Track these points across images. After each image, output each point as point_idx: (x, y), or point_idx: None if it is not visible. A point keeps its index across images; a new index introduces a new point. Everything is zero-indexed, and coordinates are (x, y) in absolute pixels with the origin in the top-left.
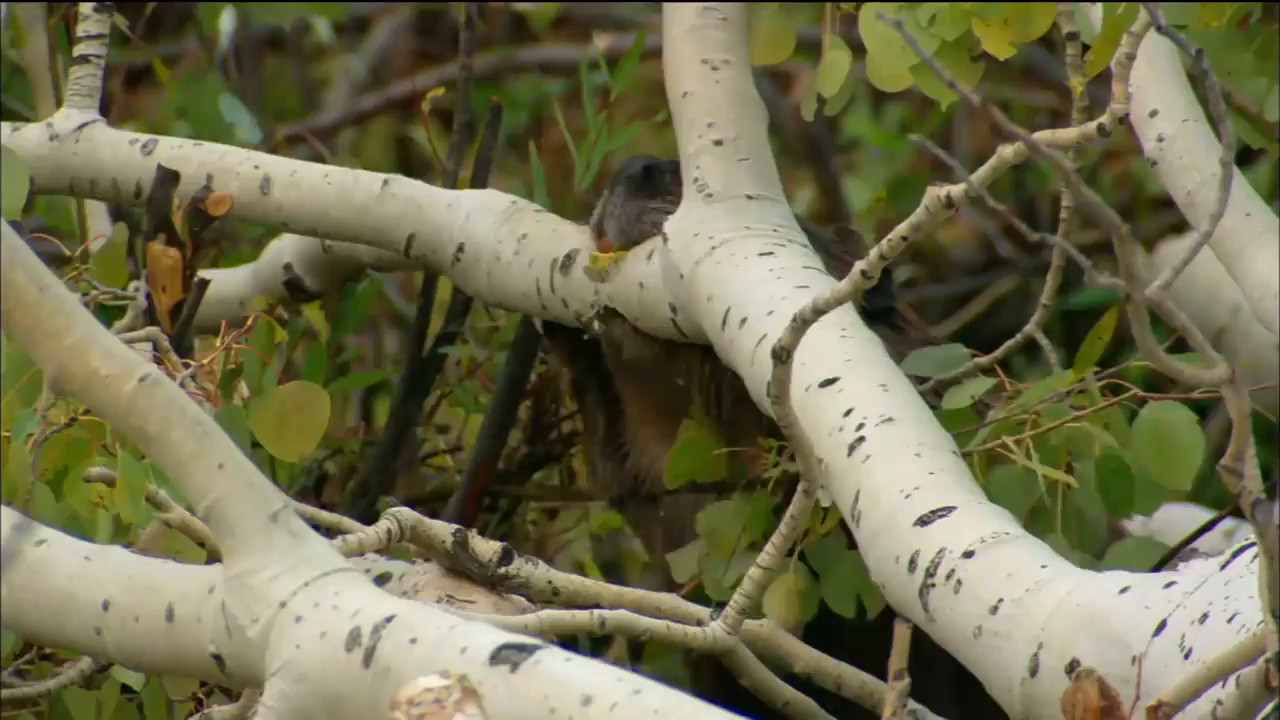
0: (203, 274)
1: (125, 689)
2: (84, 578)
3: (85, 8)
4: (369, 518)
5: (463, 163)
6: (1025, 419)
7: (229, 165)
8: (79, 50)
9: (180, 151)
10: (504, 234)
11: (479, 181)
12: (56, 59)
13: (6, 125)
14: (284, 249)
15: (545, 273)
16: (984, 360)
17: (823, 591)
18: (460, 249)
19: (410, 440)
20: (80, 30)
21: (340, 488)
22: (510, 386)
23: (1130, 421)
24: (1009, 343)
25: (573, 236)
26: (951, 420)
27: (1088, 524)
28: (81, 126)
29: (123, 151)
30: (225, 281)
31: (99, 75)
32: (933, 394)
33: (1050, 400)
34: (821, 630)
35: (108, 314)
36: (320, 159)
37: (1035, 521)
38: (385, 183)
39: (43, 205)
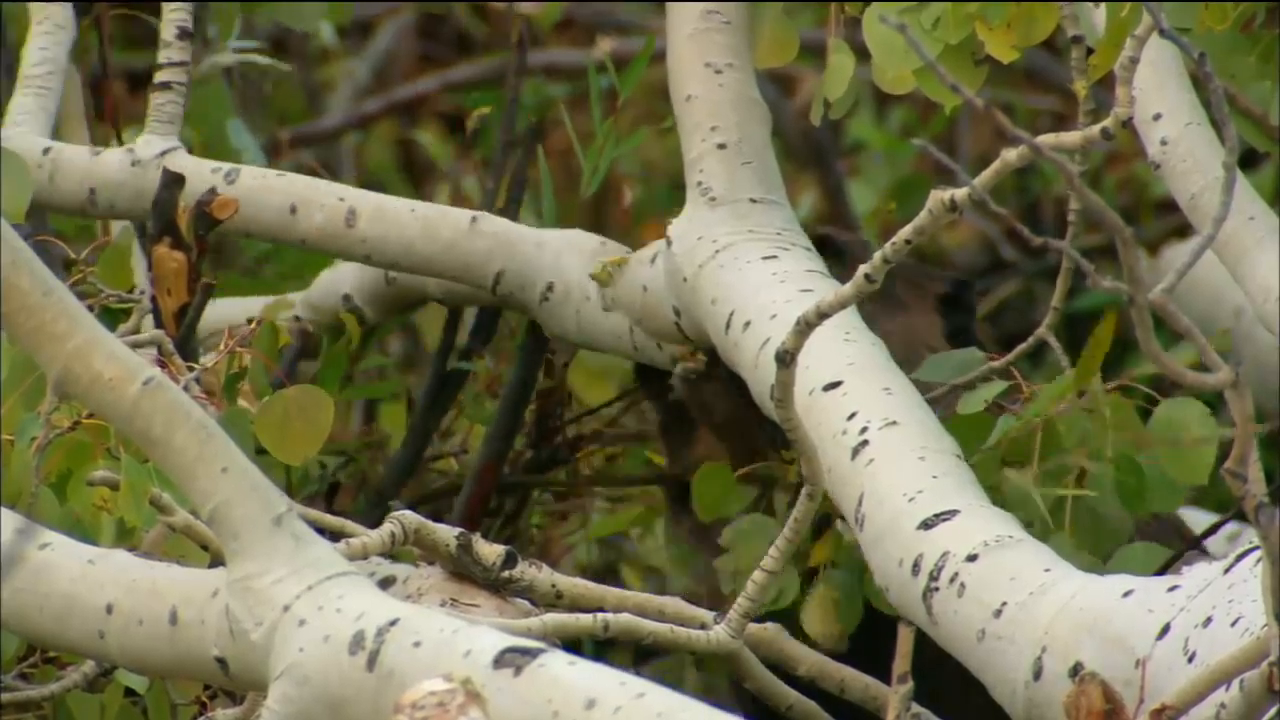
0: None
1: (129, 693)
2: (87, 581)
3: (167, 34)
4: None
5: (464, 172)
6: (1035, 425)
7: (313, 197)
8: (160, 77)
9: (263, 181)
10: None
11: (513, 200)
12: (88, 62)
13: (86, 148)
14: (341, 280)
15: None
16: (997, 364)
17: (866, 591)
18: (549, 288)
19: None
20: (162, 57)
21: (353, 495)
22: (518, 391)
23: (1144, 421)
24: (1021, 346)
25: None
26: (965, 425)
27: (1105, 524)
28: (163, 153)
29: (205, 179)
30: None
31: (180, 103)
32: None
33: (1062, 409)
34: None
35: (113, 317)
36: (324, 165)
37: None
38: (473, 219)
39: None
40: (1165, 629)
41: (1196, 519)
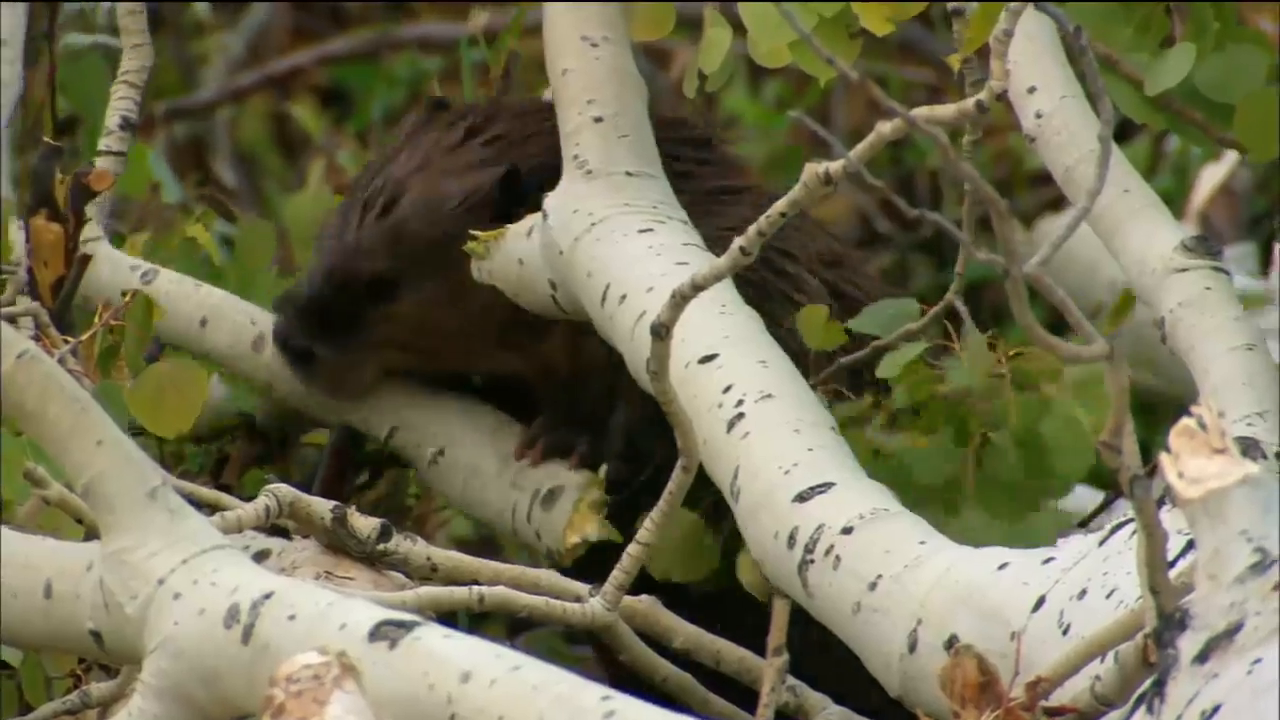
0: None
1: (3, 665)
2: None
3: (110, 122)
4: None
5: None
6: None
7: (224, 314)
8: (98, 164)
9: (179, 287)
10: (488, 450)
11: None
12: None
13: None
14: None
15: (525, 502)
16: (913, 327)
17: None
18: (440, 453)
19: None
20: (101, 144)
21: (239, 469)
22: None
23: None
24: (933, 310)
25: (561, 472)
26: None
27: (1011, 492)
28: (87, 241)
29: (122, 275)
30: None
31: (112, 193)
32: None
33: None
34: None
35: None
36: (198, 138)
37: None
38: None
39: None
40: (1040, 601)
41: (1097, 497)
